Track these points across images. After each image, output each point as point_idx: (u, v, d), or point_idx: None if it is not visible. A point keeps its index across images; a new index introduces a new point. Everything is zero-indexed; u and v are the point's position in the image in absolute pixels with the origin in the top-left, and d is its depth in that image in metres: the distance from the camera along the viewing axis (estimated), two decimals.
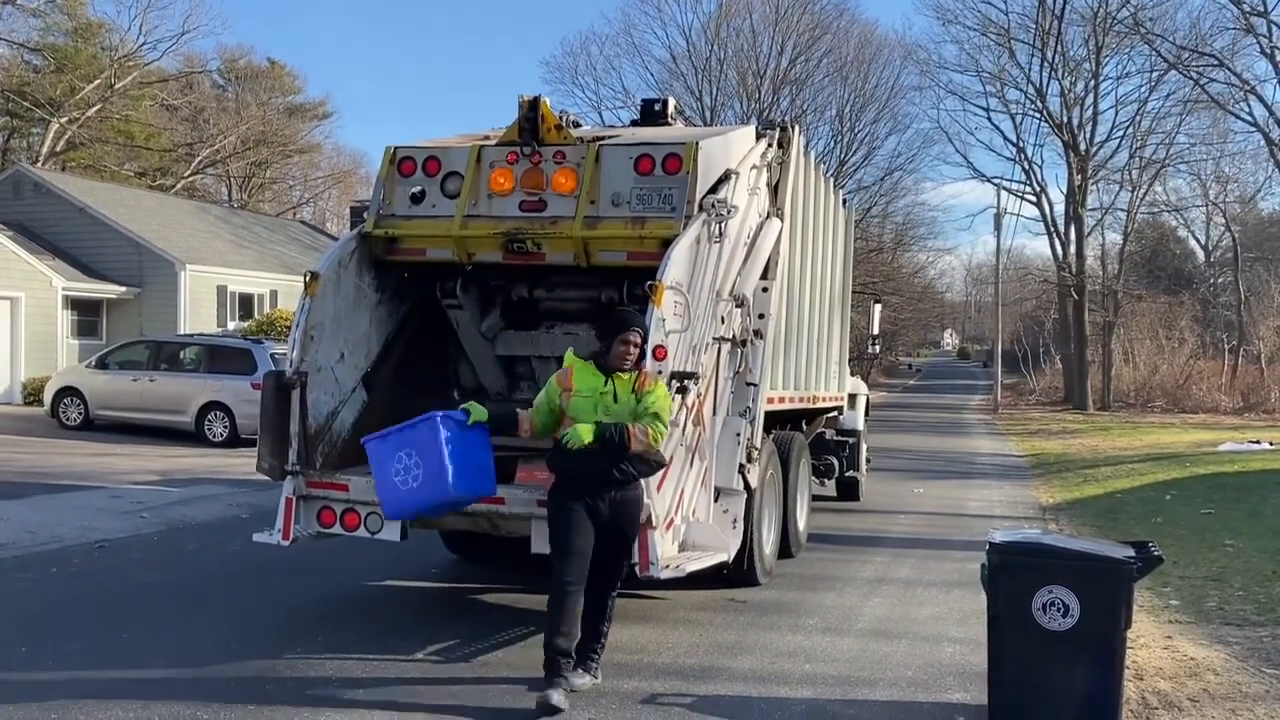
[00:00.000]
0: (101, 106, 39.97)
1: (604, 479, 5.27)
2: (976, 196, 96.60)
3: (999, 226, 42.01)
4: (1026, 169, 43.07)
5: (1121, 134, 40.79)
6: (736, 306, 6.98)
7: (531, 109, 6.95)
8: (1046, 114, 41.02)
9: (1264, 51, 36.13)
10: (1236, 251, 46.99)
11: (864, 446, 13.25)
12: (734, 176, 7.09)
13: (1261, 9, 34.65)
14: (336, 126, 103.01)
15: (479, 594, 7.61)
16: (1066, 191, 40.96)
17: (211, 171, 48.39)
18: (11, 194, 27.63)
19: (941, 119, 67.76)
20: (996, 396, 41.94)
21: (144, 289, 26.29)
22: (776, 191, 8.16)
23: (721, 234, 6.67)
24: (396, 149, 7.35)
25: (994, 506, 13.60)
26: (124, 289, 26.12)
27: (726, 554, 6.68)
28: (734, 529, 6.86)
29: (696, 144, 6.87)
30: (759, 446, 7.24)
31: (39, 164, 35.40)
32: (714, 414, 6.73)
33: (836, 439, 12.11)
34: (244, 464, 12.71)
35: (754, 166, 7.66)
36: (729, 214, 6.68)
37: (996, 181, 43.34)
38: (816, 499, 10.91)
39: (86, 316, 25.88)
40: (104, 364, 18.92)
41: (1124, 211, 42.69)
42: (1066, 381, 44.65)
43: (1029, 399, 46.90)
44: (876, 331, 17.30)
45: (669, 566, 5.98)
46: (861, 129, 44.35)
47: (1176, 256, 56.74)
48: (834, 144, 43.95)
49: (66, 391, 18.79)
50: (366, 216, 7.30)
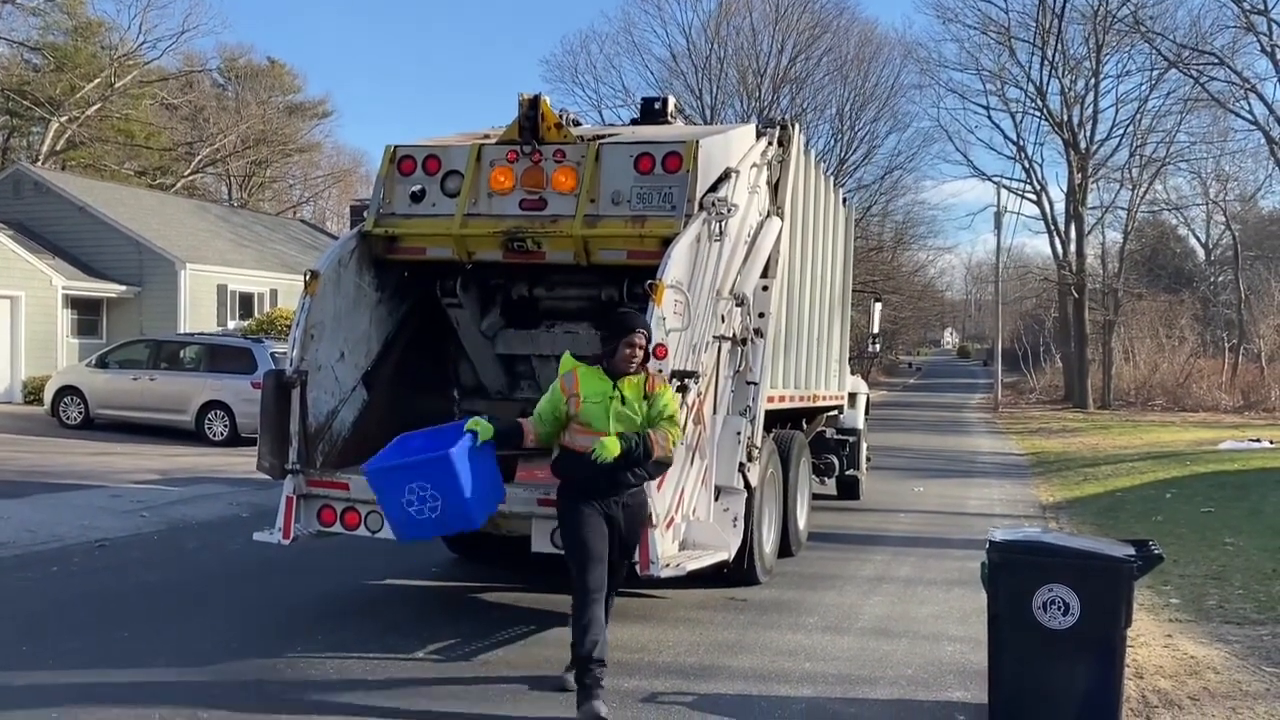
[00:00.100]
0: (101, 105, 39.97)
1: (618, 483, 5.21)
2: (977, 195, 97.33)
3: (999, 225, 42.04)
4: (1027, 167, 43.19)
5: (1122, 132, 40.93)
6: (737, 305, 6.97)
7: (532, 107, 6.95)
8: (1047, 112, 41.06)
9: (1264, 50, 36.19)
10: (1237, 250, 47.01)
11: (864, 445, 13.25)
12: (734, 175, 7.09)
13: (1262, 7, 34.71)
14: (336, 126, 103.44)
15: (479, 593, 7.61)
16: (1067, 190, 41.02)
17: (211, 170, 48.43)
18: (11, 193, 27.63)
19: (941, 117, 67.85)
20: (997, 395, 41.91)
21: (144, 288, 26.29)
22: (777, 190, 8.15)
23: (722, 232, 6.67)
24: (396, 148, 7.35)
25: (994, 505, 13.59)
26: (124, 288, 26.12)
27: (727, 553, 6.68)
28: (734, 528, 6.86)
29: (697, 142, 6.86)
30: (759, 445, 7.22)
31: (39, 163, 35.40)
32: (714, 413, 6.72)
33: (837, 438, 12.12)
34: (244, 463, 12.71)
35: (754, 165, 7.64)
36: (729, 212, 6.68)
37: (997, 180, 43.42)
38: (817, 497, 10.90)
39: (86, 315, 25.87)
40: (104, 363, 18.92)
41: (1124, 210, 42.80)
42: (1067, 380, 44.63)
43: (1029, 397, 46.85)
44: (877, 330, 17.29)
45: (669, 565, 5.98)
46: (861, 127, 44.50)
47: (1177, 255, 56.72)
48: (834, 142, 44.07)
49: (67, 390, 18.81)
50: (366, 215, 7.29)
